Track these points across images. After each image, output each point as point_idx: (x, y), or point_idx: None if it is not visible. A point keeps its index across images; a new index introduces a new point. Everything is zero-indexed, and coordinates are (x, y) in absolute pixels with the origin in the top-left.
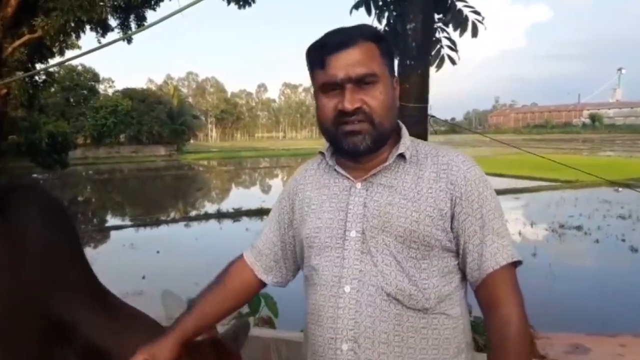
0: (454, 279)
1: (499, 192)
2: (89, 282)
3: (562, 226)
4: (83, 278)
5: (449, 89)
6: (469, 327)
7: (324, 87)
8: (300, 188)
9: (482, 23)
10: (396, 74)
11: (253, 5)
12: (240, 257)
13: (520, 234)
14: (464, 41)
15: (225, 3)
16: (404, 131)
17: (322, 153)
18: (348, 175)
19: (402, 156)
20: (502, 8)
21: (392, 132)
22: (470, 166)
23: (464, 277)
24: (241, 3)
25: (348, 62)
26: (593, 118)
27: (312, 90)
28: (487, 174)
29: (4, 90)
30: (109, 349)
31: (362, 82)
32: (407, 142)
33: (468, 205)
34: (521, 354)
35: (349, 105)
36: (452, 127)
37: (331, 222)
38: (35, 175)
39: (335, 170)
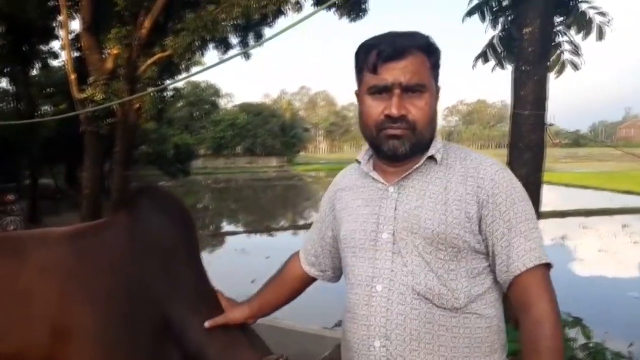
0: (485, 280)
1: (628, 211)
2: (200, 285)
3: None
4: (195, 280)
5: (573, 99)
6: (504, 329)
7: (371, 89)
8: (339, 193)
9: (608, 25)
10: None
11: (364, 17)
12: (297, 253)
13: None
14: (591, 48)
15: (336, 16)
16: (437, 135)
17: (357, 161)
18: (382, 180)
19: (432, 158)
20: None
21: (430, 140)
22: (498, 169)
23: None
24: (352, 16)
25: (400, 68)
26: None
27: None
28: (615, 191)
29: (137, 105)
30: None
31: (410, 90)
32: (438, 145)
33: (495, 207)
34: (554, 353)
35: (395, 111)
36: (576, 139)
37: (365, 224)
38: (161, 182)
39: (370, 175)
